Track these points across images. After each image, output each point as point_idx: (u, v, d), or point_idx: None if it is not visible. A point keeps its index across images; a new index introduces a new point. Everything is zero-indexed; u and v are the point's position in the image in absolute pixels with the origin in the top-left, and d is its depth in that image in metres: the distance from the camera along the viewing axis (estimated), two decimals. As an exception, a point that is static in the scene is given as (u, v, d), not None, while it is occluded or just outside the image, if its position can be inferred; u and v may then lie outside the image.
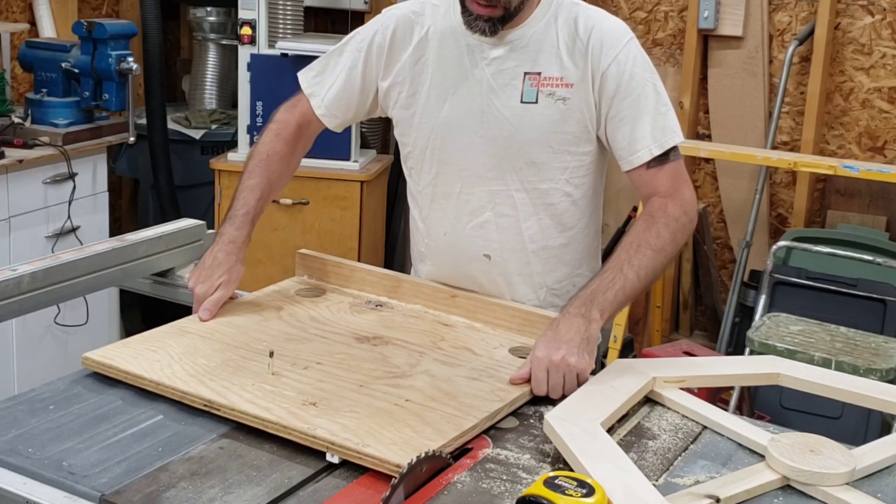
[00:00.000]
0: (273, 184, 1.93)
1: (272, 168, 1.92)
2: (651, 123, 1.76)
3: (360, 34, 1.93)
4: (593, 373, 1.61)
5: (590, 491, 1.17)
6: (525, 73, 1.78)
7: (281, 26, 3.74)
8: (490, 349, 1.71)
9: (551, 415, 1.43)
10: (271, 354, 1.56)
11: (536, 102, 1.78)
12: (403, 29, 1.87)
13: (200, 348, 1.62)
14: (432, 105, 1.85)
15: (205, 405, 1.45)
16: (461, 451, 1.39)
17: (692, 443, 1.46)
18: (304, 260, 2.03)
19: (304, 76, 1.99)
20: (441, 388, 1.53)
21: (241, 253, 1.84)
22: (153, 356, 1.58)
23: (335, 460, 1.34)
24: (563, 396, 1.54)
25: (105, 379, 1.56)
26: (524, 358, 1.66)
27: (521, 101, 1.78)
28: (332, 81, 1.94)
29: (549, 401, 1.56)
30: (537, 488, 1.18)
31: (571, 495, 1.16)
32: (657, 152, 1.76)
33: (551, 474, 1.20)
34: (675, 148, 1.79)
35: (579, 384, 1.56)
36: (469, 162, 1.84)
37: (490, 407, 1.48)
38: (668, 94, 1.83)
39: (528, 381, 1.57)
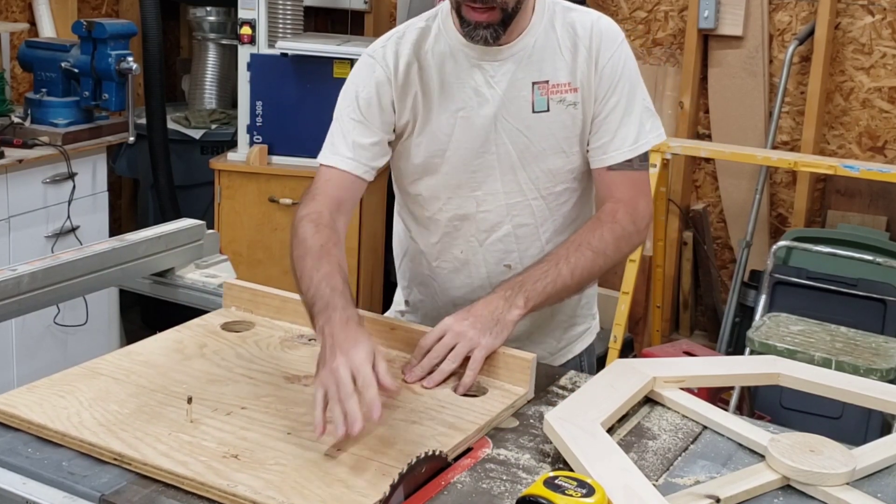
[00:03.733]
0: (343, 269, 1.65)
1: (333, 253, 1.65)
2: (631, 128, 1.77)
3: (357, 87, 1.78)
4: (590, 374, 1.60)
5: (590, 491, 1.17)
6: (533, 83, 1.76)
7: (281, 26, 3.75)
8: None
9: (551, 415, 1.42)
10: (189, 401, 1.42)
11: (548, 110, 1.76)
12: (405, 59, 1.77)
13: (114, 392, 1.49)
14: (442, 130, 1.78)
15: (114, 459, 1.32)
16: (461, 451, 1.39)
17: (692, 443, 1.46)
18: (231, 290, 1.85)
19: (331, 159, 1.77)
20: (377, 435, 1.39)
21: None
22: (60, 402, 1.44)
23: None
24: (454, 378, 1.54)
25: (104, 379, 1.55)
26: (468, 396, 1.54)
27: (533, 112, 1.76)
28: (362, 140, 1.76)
29: (549, 401, 1.56)
30: (537, 488, 1.17)
31: (571, 495, 1.16)
32: (629, 156, 1.77)
33: (551, 474, 1.20)
34: (644, 157, 1.79)
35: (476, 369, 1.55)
36: (483, 181, 1.80)
37: None
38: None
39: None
